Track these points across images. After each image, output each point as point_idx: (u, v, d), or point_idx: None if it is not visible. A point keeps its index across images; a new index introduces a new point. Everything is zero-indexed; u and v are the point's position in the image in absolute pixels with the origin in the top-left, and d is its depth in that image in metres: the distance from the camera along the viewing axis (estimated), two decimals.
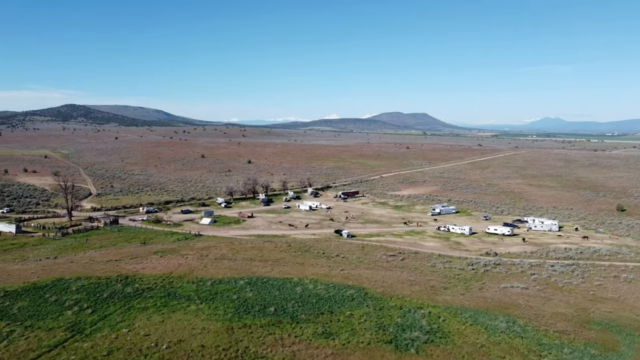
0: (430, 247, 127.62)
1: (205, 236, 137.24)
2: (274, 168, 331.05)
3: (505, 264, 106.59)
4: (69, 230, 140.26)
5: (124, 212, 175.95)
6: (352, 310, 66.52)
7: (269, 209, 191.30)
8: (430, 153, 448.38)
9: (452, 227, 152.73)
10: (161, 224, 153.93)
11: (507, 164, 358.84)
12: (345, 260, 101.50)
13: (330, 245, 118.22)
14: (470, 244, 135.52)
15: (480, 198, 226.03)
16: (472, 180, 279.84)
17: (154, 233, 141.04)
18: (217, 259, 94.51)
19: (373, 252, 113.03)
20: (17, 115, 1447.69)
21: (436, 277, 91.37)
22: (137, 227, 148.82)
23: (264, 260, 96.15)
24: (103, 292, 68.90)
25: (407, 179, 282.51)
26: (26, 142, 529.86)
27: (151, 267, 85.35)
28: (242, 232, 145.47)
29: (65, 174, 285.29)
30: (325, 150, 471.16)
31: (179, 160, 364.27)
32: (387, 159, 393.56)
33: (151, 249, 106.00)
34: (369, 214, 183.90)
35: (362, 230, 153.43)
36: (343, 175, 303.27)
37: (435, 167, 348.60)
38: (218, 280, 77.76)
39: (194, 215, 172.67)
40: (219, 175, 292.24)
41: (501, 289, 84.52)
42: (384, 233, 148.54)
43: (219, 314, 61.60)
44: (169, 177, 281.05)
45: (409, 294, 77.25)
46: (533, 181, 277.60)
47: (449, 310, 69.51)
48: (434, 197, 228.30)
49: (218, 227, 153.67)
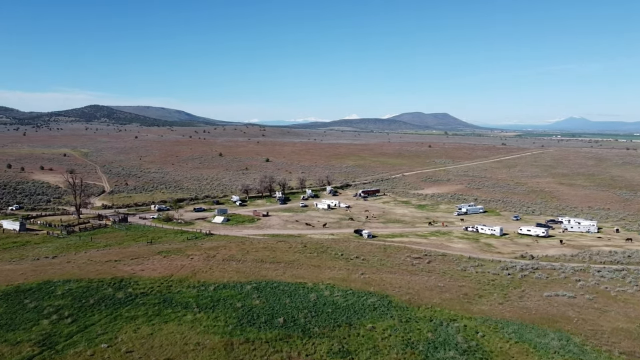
0: (459, 249, 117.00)
1: (216, 235, 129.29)
2: (292, 166, 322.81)
3: (545, 269, 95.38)
4: (75, 228, 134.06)
5: (135, 210, 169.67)
6: (374, 322, 57.09)
7: (286, 208, 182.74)
8: (454, 151, 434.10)
9: (481, 228, 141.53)
10: (172, 223, 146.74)
11: (534, 163, 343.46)
12: (365, 263, 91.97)
13: (350, 246, 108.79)
14: (502, 245, 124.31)
15: (508, 197, 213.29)
16: (499, 179, 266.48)
17: (163, 232, 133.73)
18: (224, 261, 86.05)
19: (396, 254, 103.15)
20: (43, 115, 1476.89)
21: (468, 283, 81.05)
22: (147, 226, 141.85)
23: (276, 262, 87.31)
24: (90, 297, 60.95)
25: (430, 178, 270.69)
26: (49, 141, 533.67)
27: (151, 269, 77.32)
28: (255, 232, 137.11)
29: (81, 171, 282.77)
30: (345, 149, 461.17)
31: (196, 159, 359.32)
32: (408, 158, 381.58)
33: (155, 249, 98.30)
34: (391, 213, 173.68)
35: (384, 230, 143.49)
36: (363, 174, 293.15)
37: (459, 165, 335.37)
38: (222, 284, 69.16)
39: (206, 213, 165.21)
40: (236, 174, 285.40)
41: (545, 297, 73.73)
42: (408, 233, 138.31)
43: (219, 326, 52.86)
44: (185, 175, 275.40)
45: (439, 302, 67.36)
46: (564, 180, 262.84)
47: (488, 323, 59.41)
48: (459, 196, 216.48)
49: (231, 226, 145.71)
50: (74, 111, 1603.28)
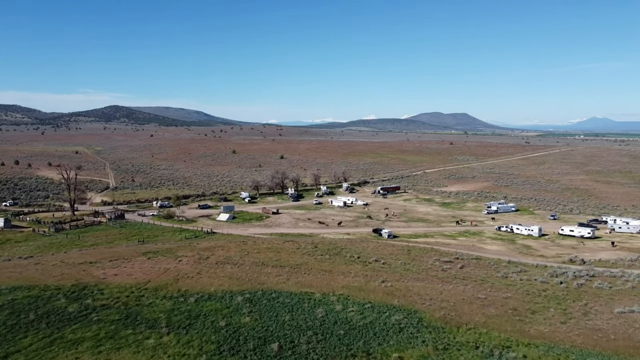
0: (494, 252, 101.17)
1: (218, 234, 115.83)
2: (307, 163, 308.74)
3: (603, 276, 79.13)
4: (65, 225, 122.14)
5: (135, 207, 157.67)
6: (402, 350, 42.46)
7: (298, 205, 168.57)
8: (477, 149, 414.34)
9: (517, 227, 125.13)
10: (172, 220, 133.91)
11: (564, 160, 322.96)
12: (387, 268, 77.15)
13: (368, 248, 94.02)
14: (543, 247, 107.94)
15: (540, 195, 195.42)
16: (528, 176, 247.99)
17: (160, 230, 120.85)
18: (218, 264, 72.22)
19: (422, 257, 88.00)
20: (64, 116, 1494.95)
21: (514, 294, 65.66)
22: (144, 224, 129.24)
23: (280, 265, 73.13)
24: (34, 310, 47.56)
25: (454, 175, 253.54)
26: (65, 140, 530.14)
27: (127, 273, 63.89)
28: (262, 230, 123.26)
29: (89, 168, 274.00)
30: (363, 146, 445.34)
31: (209, 156, 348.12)
32: (429, 155, 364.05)
33: (143, 249, 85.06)
34: (413, 212, 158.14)
35: (406, 229, 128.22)
36: (382, 171, 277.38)
37: (483, 162, 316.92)
38: (208, 294, 55.20)
39: (212, 210, 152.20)
40: (249, 171, 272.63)
41: (617, 315, 57.98)
42: (433, 233, 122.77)
43: (189, 355, 38.83)
44: (196, 171, 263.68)
45: (483, 321, 52.30)
46: (599, 177, 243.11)
47: (555, 353, 44.14)
48: (487, 193, 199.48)
49: (236, 224, 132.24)
50: (94, 111, 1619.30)
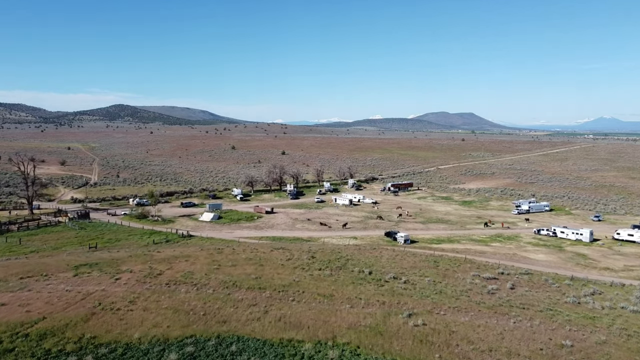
0: (544, 263, 78.69)
1: (195, 238, 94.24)
2: (310, 159, 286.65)
3: None
4: (13, 226, 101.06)
5: (109, 205, 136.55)
6: None
7: (297, 203, 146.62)
8: (491, 145, 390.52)
9: (561, 231, 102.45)
10: (145, 220, 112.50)
11: (588, 156, 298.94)
12: (411, 290, 54.96)
13: (381, 258, 71.83)
14: (603, 257, 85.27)
15: (573, 193, 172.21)
16: (554, 173, 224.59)
17: (127, 232, 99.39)
18: (170, 284, 50.47)
19: (456, 272, 65.73)
20: (68, 115, 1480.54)
21: (609, 336, 43.40)
22: (110, 224, 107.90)
23: (259, 287, 51.22)
24: None
25: (471, 171, 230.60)
26: (64, 137, 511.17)
27: (21, 302, 42.26)
28: (251, 233, 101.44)
29: (75, 163, 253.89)
30: (370, 142, 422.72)
31: (206, 152, 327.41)
32: (441, 151, 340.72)
33: (81, 260, 63.48)
34: (430, 211, 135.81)
35: (425, 232, 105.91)
36: (391, 167, 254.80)
37: (500, 158, 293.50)
38: (124, 345, 33.34)
39: (196, 209, 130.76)
40: (246, 167, 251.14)
41: None
42: (459, 237, 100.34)
43: None
44: (189, 167, 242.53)
45: None
46: (634, 174, 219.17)
47: None
48: (511, 191, 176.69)
49: (221, 225, 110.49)
50: (99, 110, 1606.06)
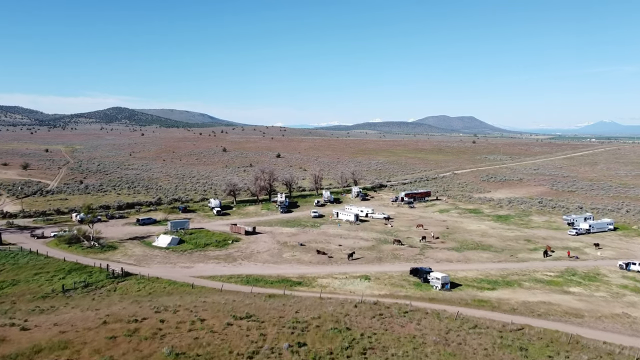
0: None
1: (131, 279, 63.34)
2: (308, 162, 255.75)
3: None
4: None
5: (43, 222, 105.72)
6: None
7: (289, 219, 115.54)
8: (506, 147, 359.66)
9: None
10: (77, 246, 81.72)
11: (618, 160, 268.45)
12: None
13: (423, 339, 40.71)
14: None
15: (628, 204, 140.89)
16: (591, 179, 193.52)
17: (37, 267, 68.50)
18: None
19: None
20: (65, 117, 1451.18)
21: None
22: (23, 252, 77.05)
23: None
24: None
25: (493, 177, 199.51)
26: (51, 139, 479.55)
27: None
28: (218, 269, 70.36)
29: (40, 166, 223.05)
30: (374, 144, 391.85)
31: (194, 154, 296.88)
32: (452, 154, 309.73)
33: None
34: (460, 230, 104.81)
35: (465, 267, 74.79)
36: (399, 172, 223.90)
37: (521, 162, 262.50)
38: None
39: (155, 228, 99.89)
40: (236, 171, 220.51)
41: None
42: (517, 276, 69.08)
43: None
44: (170, 172, 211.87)
45: None
46: None
47: None
48: (548, 201, 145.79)
49: (179, 254, 79.52)
50: (96, 113, 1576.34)
